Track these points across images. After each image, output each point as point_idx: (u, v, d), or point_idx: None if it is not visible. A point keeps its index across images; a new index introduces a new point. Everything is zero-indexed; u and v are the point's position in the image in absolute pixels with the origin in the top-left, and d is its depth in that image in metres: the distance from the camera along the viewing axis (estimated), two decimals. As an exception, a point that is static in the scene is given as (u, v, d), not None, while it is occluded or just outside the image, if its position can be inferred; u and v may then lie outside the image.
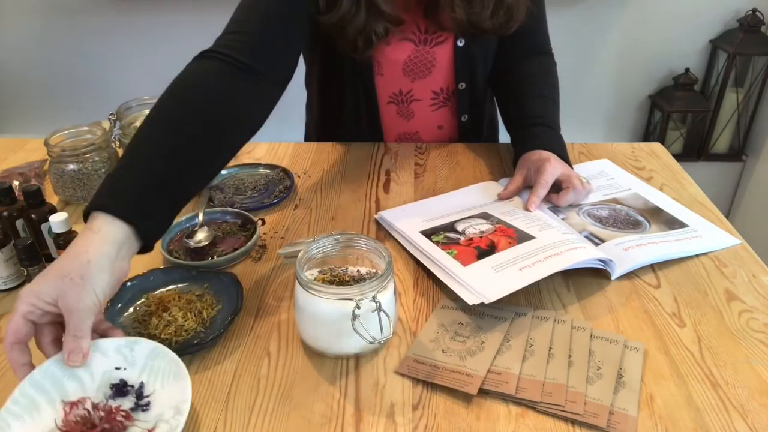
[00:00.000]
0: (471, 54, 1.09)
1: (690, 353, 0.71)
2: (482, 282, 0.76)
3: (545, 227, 0.87)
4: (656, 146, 1.20)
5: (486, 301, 0.73)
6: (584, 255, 0.79)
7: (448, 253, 0.83)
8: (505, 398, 0.65)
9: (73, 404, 0.62)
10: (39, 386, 0.62)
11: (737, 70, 2.18)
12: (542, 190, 0.93)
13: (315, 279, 0.73)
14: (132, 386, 0.65)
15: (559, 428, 0.62)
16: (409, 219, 0.93)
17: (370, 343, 0.67)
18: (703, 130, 2.28)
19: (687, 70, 2.20)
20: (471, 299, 0.74)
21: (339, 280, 0.74)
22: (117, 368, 0.66)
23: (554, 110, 1.08)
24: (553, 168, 0.94)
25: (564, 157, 0.99)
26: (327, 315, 0.67)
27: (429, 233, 0.88)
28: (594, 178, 1.04)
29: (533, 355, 0.69)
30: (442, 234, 0.87)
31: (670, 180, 1.07)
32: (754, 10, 2.09)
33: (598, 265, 0.80)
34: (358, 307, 0.65)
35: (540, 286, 0.81)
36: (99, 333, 0.67)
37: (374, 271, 0.75)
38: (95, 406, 0.62)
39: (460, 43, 1.07)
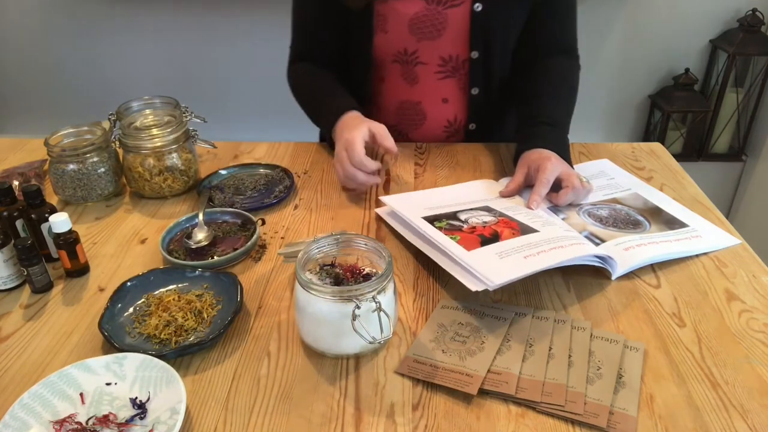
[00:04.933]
0: (489, 21, 1.04)
1: (690, 353, 0.71)
2: (486, 266, 0.74)
3: (548, 224, 0.87)
4: (656, 146, 1.20)
5: (491, 286, 0.71)
6: (588, 250, 0.79)
7: (451, 238, 0.82)
8: (505, 398, 0.65)
9: (63, 421, 0.63)
10: (29, 409, 0.62)
11: (737, 70, 2.17)
12: (543, 188, 0.93)
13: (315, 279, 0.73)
14: (133, 398, 0.65)
15: (559, 428, 0.62)
16: (411, 205, 0.93)
17: (370, 343, 0.67)
18: (703, 130, 2.28)
19: (687, 70, 2.20)
20: (474, 286, 0.73)
21: (339, 280, 0.74)
22: (108, 384, 0.67)
23: (564, 110, 1.07)
24: (554, 166, 0.94)
25: (566, 156, 0.99)
26: (327, 315, 0.67)
27: (431, 219, 0.88)
28: (594, 178, 1.04)
29: (533, 355, 0.69)
30: (445, 221, 0.87)
31: (670, 180, 1.07)
32: (754, 10, 2.09)
33: (599, 263, 0.80)
34: (358, 307, 0.65)
35: (540, 286, 0.81)
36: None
37: (374, 271, 0.75)
38: (87, 421, 0.63)
39: (477, 8, 1.03)
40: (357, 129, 0.98)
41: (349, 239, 0.74)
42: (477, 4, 1.03)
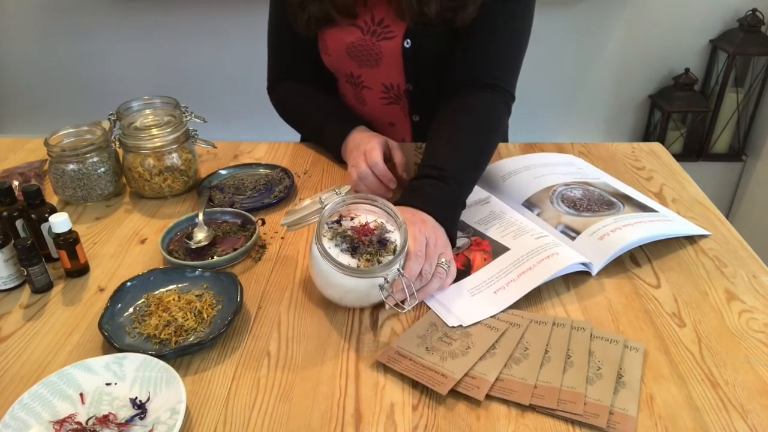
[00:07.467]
0: (418, 57, 1.04)
1: (690, 353, 0.71)
2: (459, 306, 0.78)
3: (520, 233, 0.87)
4: (656, 146, 1.20)
5: (464, 325, 0.74)
6: (557, 266, 0.79)
7: None
8: (506, 399, 0.65)
9: (63, 421, 0.63)
10: (29, 409, 0.62)
11: (737, 70, 2.18)
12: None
13: (330, 248, 0.75)
14: (133, 398, 0.65)
15: (558, 428, 0.62)
16: None
17: (396, 306, 0.72)
18: (703, 130, 2.28)
19: (687, 70, 2.20)
20: (450, 321, 0.75)
21: (355, 246, 0.75)
22: (108, 384, 0.67)
23: (464, 160, 0.92)
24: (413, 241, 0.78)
25: (447, 218, 0.85)
26: (353, 287, 0.74)
27: None
28: (562, 166, 1.06)
29: (527, 358, 0.69)
30: None
31: (670, 180, 1.07)
32: (754, 10, 2.09)
33: (574, 270, 0.81)
34: (386, 281, 0.72)
35: (539, 285, 0.81)
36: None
37: (380, 222, 0.78)
38: (87, 421, 0.63)
39: (407, 45, 1.03)
40: (376, 139, 1.01)
41: (355, 200, 0.79)
42: (407, 40, 1.03)
